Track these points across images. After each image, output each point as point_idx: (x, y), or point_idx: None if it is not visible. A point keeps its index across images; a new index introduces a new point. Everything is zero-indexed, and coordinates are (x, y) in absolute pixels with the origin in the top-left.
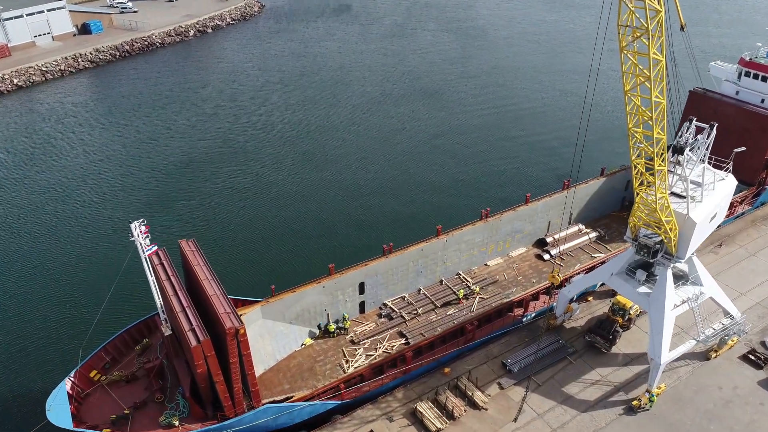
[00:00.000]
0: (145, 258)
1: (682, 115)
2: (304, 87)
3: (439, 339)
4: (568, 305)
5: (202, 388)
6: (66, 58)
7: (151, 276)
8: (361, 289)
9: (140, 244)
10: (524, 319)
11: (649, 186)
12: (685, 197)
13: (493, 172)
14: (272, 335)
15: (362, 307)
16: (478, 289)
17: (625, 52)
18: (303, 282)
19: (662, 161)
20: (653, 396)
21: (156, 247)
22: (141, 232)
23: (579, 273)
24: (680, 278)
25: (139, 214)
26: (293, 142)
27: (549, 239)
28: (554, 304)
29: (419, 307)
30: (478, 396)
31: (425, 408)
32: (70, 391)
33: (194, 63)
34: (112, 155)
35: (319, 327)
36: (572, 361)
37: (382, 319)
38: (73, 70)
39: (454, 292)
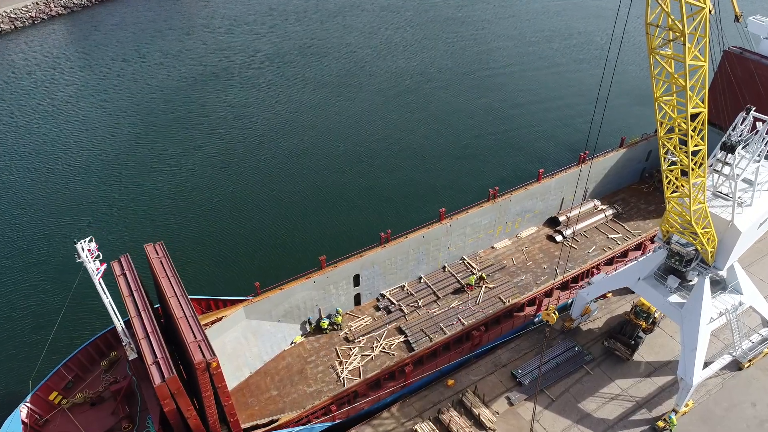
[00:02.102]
0: (98, 281)
1: (712, 80)
2: (298, 48)
3: (441, 346)
4: (585, 306)
5: (173, 422)
6: (37, 3)
7: (107, 298)
8: (356, 281)
9: (90, 267)
10: (536, 318)
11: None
12: (731, 199)
13: (502, 147)
14: (258, 335)
15: (357, 299)
16: (484, 276)
17: (654, 55)
18: (291, 277)
19: (701, 171)
20: (672, 419)
21: (105, 268)
22: (89, 251)
23: (598, 264)
24: (717, 284)
25: (100, 205)
26: (277, 114)
27: (561, 218)
28: (569, 301)
29: (420, 299)
30: (485, 415)
31: (426, 430)
32: (26, 420)
33: (179, 6)
34: (82, 123)
35: (309, 322)
36: (589, 371)
37: (379, 313)
38: (45, 17)
39: (459, 281)
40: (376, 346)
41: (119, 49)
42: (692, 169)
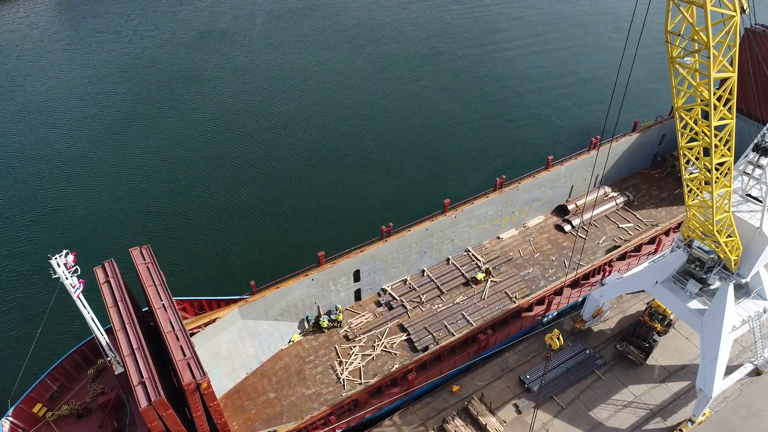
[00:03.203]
0: (77, 298)
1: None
2: (299, 22)
3: (446, 350)
4: (597, 307)
5: None
6: None
7: (89, 313)
8: (357, 276)
9: (68, 284)
10: (545, 319)
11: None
12: (761, 203)
13: (510, 133)
14: (254, 335)
15: (358, 294)
16: (491, 269)
17: (675, 64)
18: (288, 274)
19: (727, 180)
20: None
21: (81, 287)
22: (66, 265)
23: (610, 260)
24: (740, 289)
25: (82, 201)
26: (270, 100)
27: (571, 206)
28: (579, 299)
29: (423, 293)
30: (492, 424)
31: None
32: None
33: None
34: (60, 114)
35: (307, 320)
36: (601, 376)
37: (381, 309)
38: None
39: (463, 275)
40: (378, 345)
41: (103, 28)
42: (716, 180)
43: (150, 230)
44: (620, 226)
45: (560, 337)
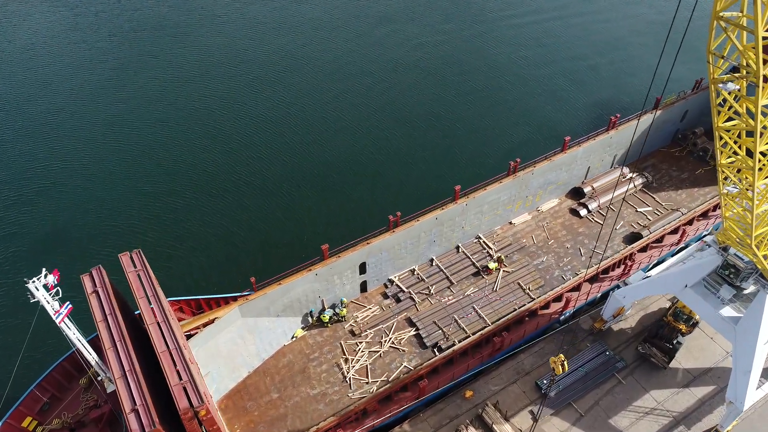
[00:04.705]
0: (60, 324)
1: None
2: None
3: (458, 354)
4: (619, 308)
5: None
6: None
7: (74, 334)
8: (362, 269)
9: (50, 309)
10: (561, 317)
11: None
12: None
13: (524, 112)
14: (255, 333)
15: (364, 286)
16: (503, 258)
17: (716, 86)
18: (291, 268)
19: None
20: None
21: (70, 305)
22: (46, 286)
23: (631, 253)
24: None
25: (67, 193)
26: (273, 85)
27: (586, 189)
28: (598, 295)
29: (431, 285)
30: None
31: None
32: None
33: None
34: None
35: (311, 314)
36: (621, 381)
37: (388, 301)
38: None
39: (474, 263)
40: (385, 341)
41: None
42: (761, 167)
43: (141, 225)
44: (638, 210)
45: (565, 363)
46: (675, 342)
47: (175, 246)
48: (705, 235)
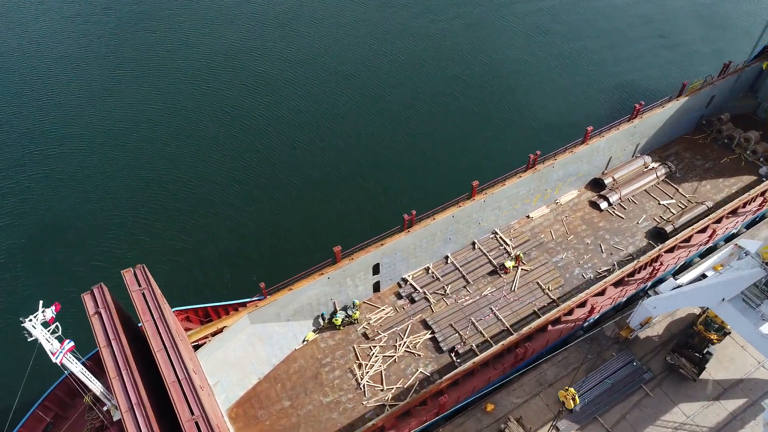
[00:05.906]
0: (60, 363)
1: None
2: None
3: (479, 365)
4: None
5: None
6: None
7: (76, 366)
8: (376, 269)
9: (48, 348)
10: (585, 324)
11: None
12: None
13: (544, 102)
14: (265, 339)
15: (377, 286)
16: (521, 255)
17: None
18: (302, 271)
19: None
20: None
21: (71, 343)
22: (44, 323)
23: (657, 255)
24: None
25: (69, 201)
26: (277, 77)
27: (607, 180)
28: (622, 300)
29: (447, 284)
30: None
31: None
32: None
33: None
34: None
35: (322, 317)
36: (649, 393)
37: (402, 301)
38: None
39: (491, 261)
40: (400, 345)
41: None
42: None
43: (145, 232)
44: (661, 202)
45: (576, 397)
46: (705, 352)
47: (181, 250)
48: (734, 234)
